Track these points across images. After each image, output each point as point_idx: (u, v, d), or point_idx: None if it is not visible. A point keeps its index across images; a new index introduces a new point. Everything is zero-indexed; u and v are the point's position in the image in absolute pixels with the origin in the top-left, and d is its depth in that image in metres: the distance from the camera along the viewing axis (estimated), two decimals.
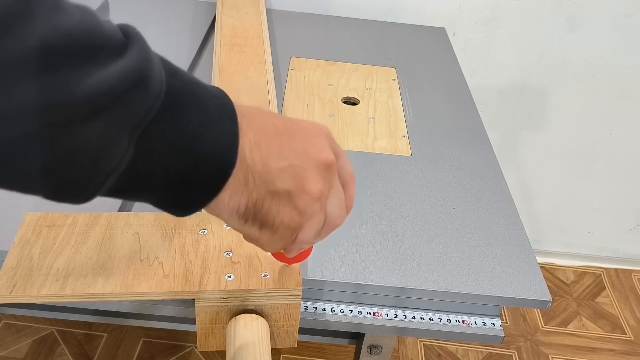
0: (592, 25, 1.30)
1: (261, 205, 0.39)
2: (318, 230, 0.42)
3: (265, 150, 0.38)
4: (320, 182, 0.40)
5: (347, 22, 1.20)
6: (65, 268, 0.52)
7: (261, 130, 0.38)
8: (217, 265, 0.54)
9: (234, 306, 0.53)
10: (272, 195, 0.39)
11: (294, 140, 0.40)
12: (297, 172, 0.39)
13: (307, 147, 0.40)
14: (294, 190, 0.39)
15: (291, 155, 0.39)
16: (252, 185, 0.38)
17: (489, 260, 0.64)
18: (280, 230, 0.40)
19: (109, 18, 1.05)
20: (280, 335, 0.55)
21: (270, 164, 0.38)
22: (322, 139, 0.42)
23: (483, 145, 0.85)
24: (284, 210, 0.40)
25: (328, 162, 0.41)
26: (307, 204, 0.40)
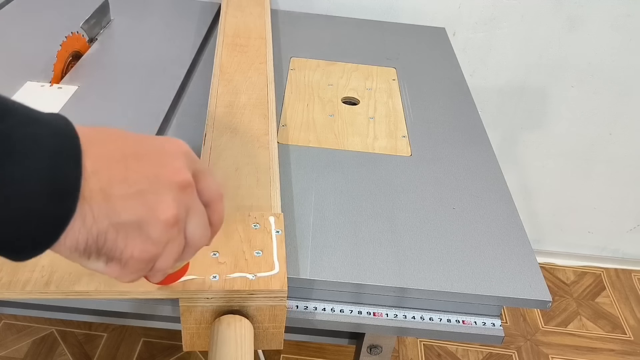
0: (592, 25, 1.31)
1: (104, 240, 0.35)
2: (178, 255, 0.40)
3: (106, 178, 0.34)
4: (174, 207, 0.37)
5: (347, 22, 1.20)
6: (51, 265, 0.52)
7: (102, 156, 0.35)
8: (202, 265, 0.54)
9: (218, 307, 0.53)
10: (116, 228, 0.35)
11: (143, 163, 0.36)
12: (146, 198, 0.36)
13: (158, 170, 0.37)
14: (145, 219, 0.36)
15: (139, 181, 0.36)
16: (90, 220, 0.34)
17: (489, 260, 0.65)
18: (130, 263, 0.37)
19: (109, 18, 1.06)
20: (266, 336, 0.55)
21: (113, 193, 0.34)
22: (176, 158, 0.38)
23: (483, 145, 0.85)
24: (133, 242, 0.36)
25: (183, 183, 0.37)
26: (162, 232, 0.37)
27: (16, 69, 0.89)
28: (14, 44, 0.97)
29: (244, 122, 0.76)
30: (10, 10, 1.08)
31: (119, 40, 1.02)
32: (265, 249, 0.56)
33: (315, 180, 0.74)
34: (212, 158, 0.69)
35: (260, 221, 0.59)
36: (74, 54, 0.94)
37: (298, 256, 0.62)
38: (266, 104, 0.80)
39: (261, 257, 0.55)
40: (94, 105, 0.83)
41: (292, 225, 0.66)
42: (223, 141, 0.72)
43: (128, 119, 0.81)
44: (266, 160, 0.69)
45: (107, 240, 0.35)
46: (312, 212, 0.68)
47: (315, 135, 0.82)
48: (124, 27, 1.06)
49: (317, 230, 0.66)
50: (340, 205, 0.70)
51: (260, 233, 0.58)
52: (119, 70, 0.92)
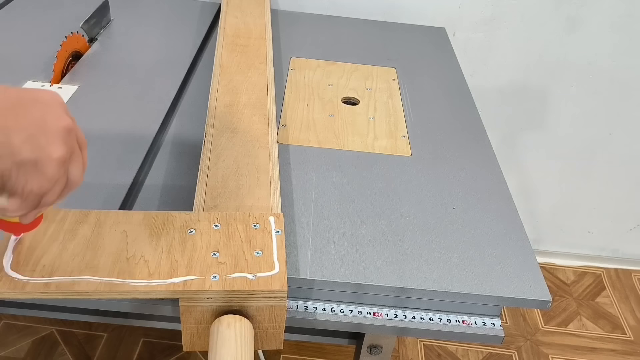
0: (592, 26, 1.30)
1: (9, 177, 0.41)
2: (59, 193, 0.45)
3: (3, 124, 0.39)
4: (63, 148, 0.43)
5: (347, 22, 1.20)
6: (52, 264, 0.52)
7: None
8: (202, 265, 0.54)
9: (219, 307, 0.53)
10: (18, 166, 0.41)
11: (31, 111, 0.42)
12: (39, 141, 0.41)
13: (45, 116, 0.42)
14: (40, 158, 0.41)
15: (31, 126, 0.41)
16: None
17: (489, 260, 0.65)
18: (29, 197, 0.43)
19: (109, 18, 1.06)
20: (266, 336, 0.55)
21: (11, 136, 0.40)
22: (57, 106, 0.44)
23: (483, 145, 0.85)
24: (32, 179, 0.41)
25: (68, 127, 0.43)
26: (54, 170, 0.42)
27: (16, 69, 0.89)
28: (14, 44, 0.97)
29: (244, 122, 0.76)
30: (10, 10, 1.08)
31: (119, 40, 1.02)
32: (265, 249, 0.56)
33: (315, 180, 0.74)
34: (212, 158, 0.69)
35: (260, 221, 0.59)
36: (74, 54, 0.94)
37: (298, 256, 0.62)
38: (266, 104, 0.80)
39: (261, 257, 0.55)
40: (94, 105, 0.83)
41: (292, 225, 0.66)
42: (223, 141, 0.72)
43: (128, 119, 0.81)
44: (266, 160, 0.69)
45: (10, 176, 0.41)
46: (312, 212, 0.68)
47: (315, 135, 0.82)
48: (124, 27, 1.06)
49: (317, 230, 0.66)
50: (340, 205, 0.70)
51: (260, 233, 0.58)
52: (119, 70, 0.92)
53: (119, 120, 0.80)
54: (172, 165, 0.74)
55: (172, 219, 0.58)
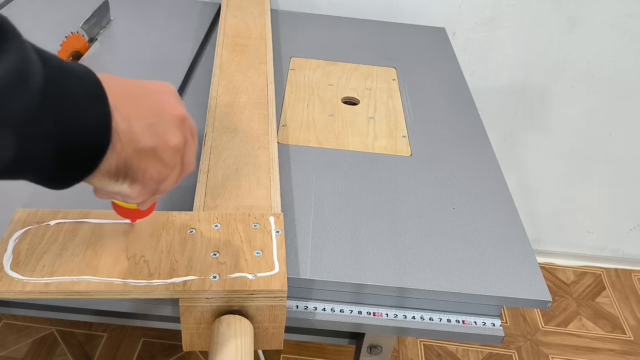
0: (592, 25, 1.30)
1: (131, 164, 0.42)
2: (176, 179, 0.47)
3: (125, 112, 0.40)
4: (179, 136, 0.44)
5: (347, 22, 1.20)
6: (52, 264, 0.52)
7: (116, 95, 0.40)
8: (202, 265, 0.54)
9: (219, 307, 0.53)
10: (139, 153, 0.42)
11: (149, 101, 0.43)
12: (157, 129, 0.42)
13: (161, 106, 0.44)
14: (159, 145, 0.43)
15: (149, 115, 0.42)
16: (119, 147, 0.40)
17: (489, 260, 0.65)
18: (149, 184, 0.44)
19: (109, 18, 1.06)
20: (266, 337, 0.55)
21: (133, 124, 0.41)
22: (172, 96, 0.45)
23: (483, 145, 0.85)
24: (151, 165, 0.43)
25: (182, 116, 0.45)
26: (172, 157, 0.44)
27: None
28: None
29: (244, 122, 0.76)
30: (10, 10, 1.08)
31: (119, 40, 1.02)
32: (265, 249, 0.56)
33: (315, 180, 0.74)
34: (212, 158, 0.69)
35: (260, 221, 0.59)
36: (74, 54, 0.93)
37: (298, 256, 0.62)
38: (266, 104, 0.80)
39: (261, 257, 0.55)
40: None
41: (292, 225, 0.66)
42: (223, 141, 0.72)
43: None
44: (266, 160, 0.69)
45: (132, 164, 0.42)
46: (312, 212, 0.68)
47: (315, 135, 0.82)
48: (124, 27, 1.06)
49: (317, 230, 0.66)
50: (340, 205, 0.70)
51: (260, 233, 0.58)
52: (119, 70, 0.92)
53: None
54: None
55: (172, 219, 0.58)
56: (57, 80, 0.37)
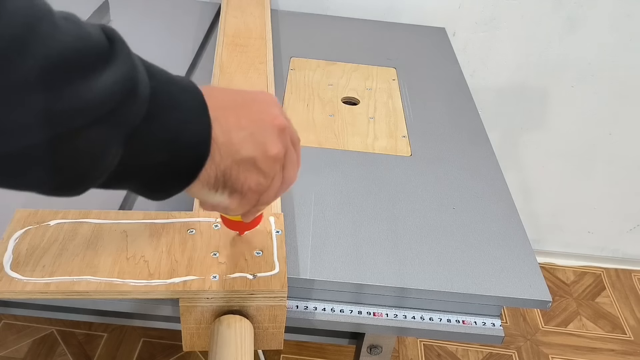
0: (592, 25, 1.30)
1: (229, 174, 0.42)
2: (277, 191, 0.46)
3: (225, 123, 0.41)
4: (279, 145, 0.44)
5: (347, 22, 1.20)
6: (52, 264, 0.52)
7: (218, 106, 0.41)
8: (202, 266, 0.54)
9: (219, 307, 0.53)
10: (238, 164, 0.42)
11: (250, 111, 0.43)
12: (257, 139, 0.42)
13: (262, 116, 0.43)
14: (258, 156, 0.42)
15: (250, 125, 0.42)
16: (218, 158, 0.40)
17: (489, 260, 0.65)
18: (248, 195, 0.44)
19: (109, 18, 1.06)
20: (265, 337, 0.55)
21: (232, 136, 0.41)
22: (273, 106, 0.45)
23: (483, 145, 0.85)
24: (250, 176, 0.43)
25: (283, 126, 0.44)
26: (271, 167, 0.44)
27: None
28: None
29: None
30: None
31: None
32: (265, 249, 0.56)
33: (315, 180, 0.74)
34: None
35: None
36: None
37: (298, 256, 0.62)
38: None
39: (261, 257, 0.55)
40: None
41: (292, 225, 0.66)
42: None
43: None
44: None
45: (231, 174, 0.42)
46: (312, 212, 0.68)
47: (315, 135, 0.82)
48: (124, 27, 1.06)
49: (317, 230, 0.66)
50: (340, 206, 0.70)
51: (260, 233, 0.58)
52: None
53: None
54: None
55: (172, 219, 0.58)
56: (163, 91, 0.38)
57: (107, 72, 0.33)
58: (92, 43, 0.33)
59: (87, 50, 0.32)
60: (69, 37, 0.32)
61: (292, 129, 0.46)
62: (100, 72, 0.33)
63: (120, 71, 0.34)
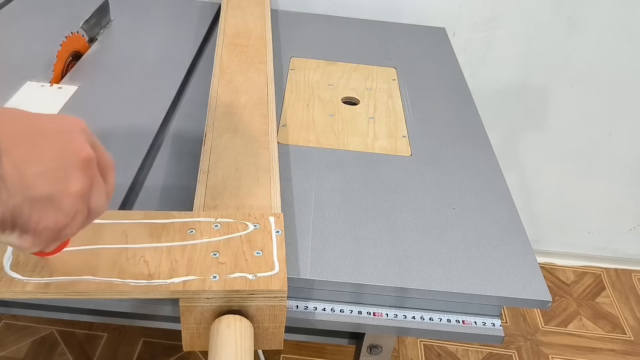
0: (592, 25, 1.30)
1: (19, 214, 0.37)
2: (83, 224, 0.43)
3: (17, 156, 0.36)
4: (82, 180, 0.40)
5: (347, 22, 1.20)
6: (52, 264, 0.52)
7: (10, 135, 0.36)
8: (202, 265, 0.54)
9: (218, 307, 0.53)
10: (30, 202, 0.37)
11: (49, 141, 0.38)
12: (55, 174, 0.38)
13: (63, 146, 0.39)
14: (56, 193, 0.38)
15: (48, 158, 0.38)
16: (5, 196, 0.36)
17: (489, 260, 0.65)
18: (44, 234, 0.39)
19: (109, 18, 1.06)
20: (266, 336, 0.55)
21: (25, 170, 0.36)
22: (77, 135, 0.41)
23: (483, 145, 0.85)
24: (46, 215, 0.38)
25: (87, 158, 0.40)
26: (71, 205, 0.39)
27: (16, 69, 0.89)
28: (14, 44, 0.97)
29: (244, 122, 0.76)
30: (10, 10, 1.08)
31: (119, 40, 1.02)
32: (265, 249, 0.56)
33: (315, 180, 0.74)
34: (212, 158, 0.69)
35: (260, 221, 0.59)
36: (74, 54, 0.94)
37: (298, 256, 0.62)
38: (266, 104, 0.80)
39: (261, 257, 0.55)
40: (94, 105, 0.83)
41: (292, 225, 0.66)
42: (223, 141, 0.72)
43: (128, 119, 0.81)
44: (266, 160, 0.69)
45: (22, 213, 0.37)
46: (312, 212, 0.68)
47: (315, 135, 0.82)
48: (124, 27, 1.06)
49: (317, 230, 0.66)
50: (340, 205, 0.70)
51: (260, 233, 0.58)
52: (119, 70, 0.92)
53: (119, 120, 0.80)
54: (172, 165, 0.74)
55: (172, 219, 0.58)
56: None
57: None
58: None
59: None
60: None
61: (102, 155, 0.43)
62: None
63: None
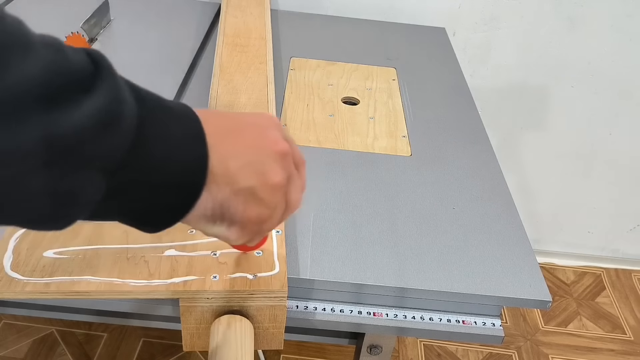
0: (592, 25, 1.30)
1: (228, 206, 0.39)
2: (280, 218, 0.44)
3: (222, 151, 0.38)
4: (280, 173, 0.41)
5: (347, 22, 1.20)
6: (52, 264, 0.52)
7: (215, 133, 0.38)
8: (203, 265, 0.54)
9: (219, 307, 0.53)
10: (236, 194, 0.39)
11: (246, 137, 0.40)
12: (256, 167, 0.40)
13: (260, 141, 0.41)
14: (257, 185, 0.40)
15: (247, 152, 0.40)
16: (215, 189, 0.38)
17: (489, 260, 0.65)
18: (248, 225, 0.41)
19: (109, 18, 1.06)
20: (266, 336, 0.55)
21: (229, 164, 0.38)
22: (272, 129, 0.42)
23: (483, 145, 0.85)
24: (250, 206, 0.40)
25: (284, 151, 0.41)
26: (272, 196, 0.41)
27: None
28: None
29: None
30: (10, 10, 1.08)
31: (119, 40, 1.02)
32: (265, 249, 0.56)
33: (315, 180, 0.74)
34: None
35: None
36: None
37: (298, 256, 0.62)
38: (266, 104, 0.80)
39: (261, 257, 0.55)
40: None
41: (292, 225, 0.66)
42: None
43: None
44: None
45: (230, 205, 0.39)
46: (312, 212, 0.68)
47: (315, 135, 0.82)
48: (124, 27, 1.06)
49: (317, 230, 0.66)
50: (340, 205, 0.70)
51: None
52: (119, 70, 0.92)
53: None
54: None
55: None
56: (153, 120, 0.35)
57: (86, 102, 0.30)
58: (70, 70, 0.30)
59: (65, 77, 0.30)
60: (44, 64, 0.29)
61: (295, 151, 0.44)
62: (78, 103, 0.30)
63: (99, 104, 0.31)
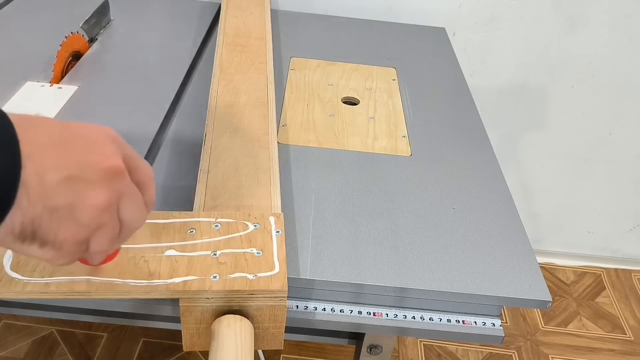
0: (592, 25, 1.30)
1: (39, 223, 0.36)
2: (113, 238, 0.40)
3: (39, 163, 0.35)
4: (103, 193, 0.38)
5: (347, 22, 1.20)
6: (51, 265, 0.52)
7: (34, 142, 0.35)
8: (202, 265, 0.54)
9: (219, 307, 0.53)
10: (50, 212, 0.36)
11: (73, 149, 0.37)
12: (76, 184, 0.36)
13: (87, 156, 0.37)
14: (75, 203, 0.36)
15: (70, 166, 0.36)
16: (25, 204, 0.34)
17: (489, 260, 0.65)
18: (64, 246, 0.38)
19: (109, 18, 1.06)
20: (266, 337, 0.55)
21: (46, 178, 0.35)
22: (106, 144, 0.39)
23: (483, 145, 0.85)
24: (65, 226, 0.37)
25: (114, 168, 0.38)
26: (92, 217, 0.37)
27: (16, 69, 0.89)
28: (14, 44, 0.97)
29: (244, 122, 0.76)
30: (10, 10, 1.08)
31: (119, 40, 1.02)
32: (265, 249, 0.56)
33: (315, 180, 0.74)
34: (212, 158, 0.69)
35: (260, 221, 0.59)
36: (74, 54, 0.94)
37: (298, 256, 0.62)
38: (266, 104, 0.80)
39: (261, 257, 0.55)
40: (94, 105, 0.83)
41: (292, 225, 0.66)
42: (223, 141, 0.72)
43: (128, 119, 0.81)
44: (266, 160, 0.69)
45: (41, 223, 0.36)
46: (312, 212, 0.68)
47: (315, 135, 0.82)
48: (124, 27, 1.06)
49: (317, 230, 0.66)
50: (340, 205, 0.70)
51: (261, 233, 0.58)
52: (119, 70, 0.92)
53: (118, 121, 0.80)
54: (172, 165, 0.74)
55: (172, 219, 0.58)
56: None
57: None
58: None
59: None
60: None
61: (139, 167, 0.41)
62: None
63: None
